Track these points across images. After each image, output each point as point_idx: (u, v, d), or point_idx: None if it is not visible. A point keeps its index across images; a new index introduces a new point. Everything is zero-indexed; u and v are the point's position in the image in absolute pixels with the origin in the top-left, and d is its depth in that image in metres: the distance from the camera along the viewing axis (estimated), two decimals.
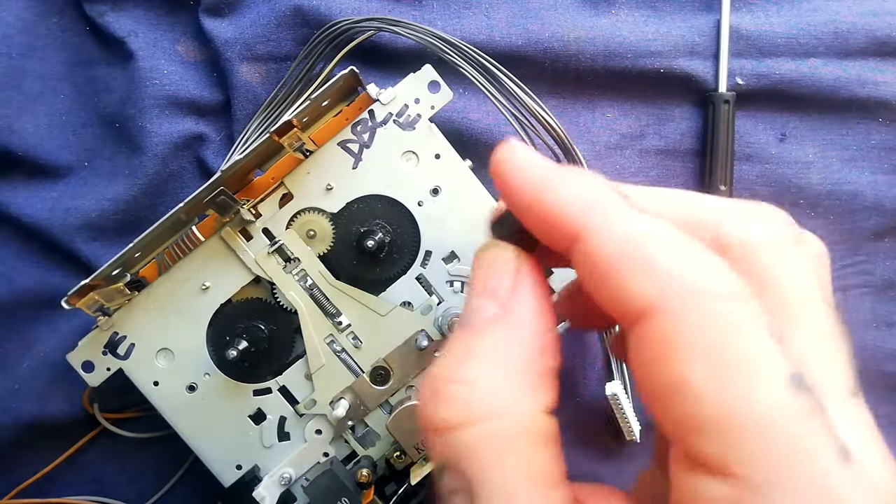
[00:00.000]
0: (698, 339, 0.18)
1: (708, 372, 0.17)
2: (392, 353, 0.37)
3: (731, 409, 0.17)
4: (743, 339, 0.18)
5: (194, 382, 0.37)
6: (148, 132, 0.41)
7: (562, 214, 0.20)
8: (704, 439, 0.18)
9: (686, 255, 0.19)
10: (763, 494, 0.17)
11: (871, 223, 0.43)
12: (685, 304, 0.18)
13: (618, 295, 0.19)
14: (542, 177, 0.21)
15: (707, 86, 0.42)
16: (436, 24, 0.41)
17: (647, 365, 0.18)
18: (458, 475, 0.19)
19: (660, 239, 0.19)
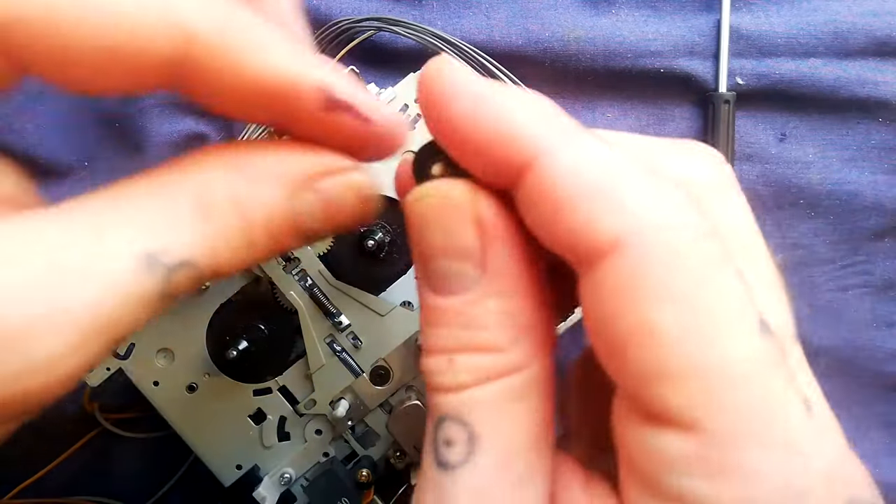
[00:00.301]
0: (670, 279, 0.16)
1: (680, 316, 0.16)
2: (392, 353, 0.37)
3: (704, 357, 0.16)
4: (717, 281, 0.16)
5: (194, 382, 0.37)
6: (148, 132, 0.41)
7: (510, 138, 0.18)
8: (670, 390, 0.16)
9: (656, 188, 0.17)
10: (729, 448, 0.16)
11: (871, 223, 0.43)
12: (657, 238, 0.16)
13: (578, 230, 0.17)
14: (483, 95, 0.18)
15: (707, 86, 0.42)
16: (436, 24, 0.41)
17: (608, 308, 0.17)
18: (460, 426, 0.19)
19: (628, 168, 0.17)
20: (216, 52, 0.18)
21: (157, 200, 0.19)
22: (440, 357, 0.19)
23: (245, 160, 0.20)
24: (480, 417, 0.19)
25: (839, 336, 0.44)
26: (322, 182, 0.20)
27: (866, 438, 0.44)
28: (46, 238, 0.17)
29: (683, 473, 0.16)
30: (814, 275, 0.44)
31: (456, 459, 0.19)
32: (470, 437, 0.18)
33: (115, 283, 0.17)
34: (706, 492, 0.16)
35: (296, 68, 0.19)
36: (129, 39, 0.17)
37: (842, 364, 0.44)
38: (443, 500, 0.19)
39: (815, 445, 0.17)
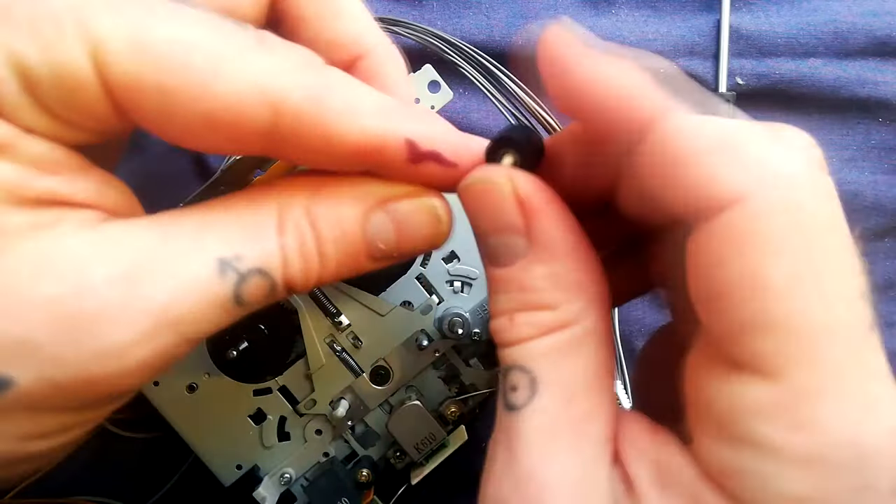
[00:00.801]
0: (788, 234, 0.17)
1: (791, 270, 0.17)
2: (392, 352, 0.37)
3: (804, 313, 0.17)
4: (831, 242, 0.17)
5: (194, 382, 0.37)
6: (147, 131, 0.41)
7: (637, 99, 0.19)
8: (765, 339, 0.17)
9: (781, 147, 0.18)
10: (809, 400, 0.17)
11: (871, 223, 0.43)
12: (780, 195, 0.17)
13: (701, 183, 0.18)
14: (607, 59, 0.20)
15: (707, 86, 0.42)
16: (436, 24, 0.41)
17: (720, 258, 0.17)
18: (522, 373, 0.21)
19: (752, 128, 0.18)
20: (304, 120, 0.20)
21: (239, 215, 0.21)
22: (503, 318, 0.22)
23: (325, 184, 0.22)
24: (540, 364, 0.21)
25: None
26: (395, 204, 0.23)
27: None
28: (134, 241, 0.20)
29: (761, 420, 0.17)
30: None
31: (521, 401, 0.21)
32: (531, 381, 0.21)
33: (189, 282, 0.19)
34: (780, 439, 0.17)
35: (381, 127, 0.20)
36: (222, 111, 0.19)
37: None
38: (512, 438, 0.21)
39: (889, 411, 0.17)
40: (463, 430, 0.36)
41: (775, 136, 0.18)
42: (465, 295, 0.36)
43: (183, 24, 0.19)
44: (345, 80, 0.21)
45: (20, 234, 0.19)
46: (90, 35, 0.18)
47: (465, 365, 0.37)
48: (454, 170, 0.22)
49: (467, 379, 0.37)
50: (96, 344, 0.18)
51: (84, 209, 0.20)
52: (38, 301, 0.18)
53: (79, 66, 0.18)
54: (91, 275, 0.19)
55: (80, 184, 0.20)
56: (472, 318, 0.36)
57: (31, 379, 0.18)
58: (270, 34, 0.21)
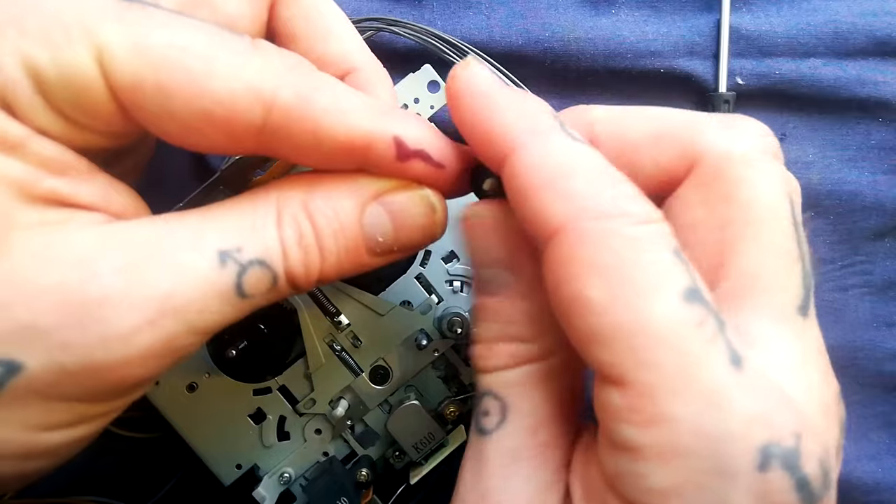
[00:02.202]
0: (598, 256, 0.19)
1: (605, 287, 0.19)
2: (392, 352, 0.37)
3: (626, 320, 0.18)
4: (641, 257, 0.19)
5: (194, 382, 0.37)
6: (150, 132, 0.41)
7: (498, 132, 0.21)
8: (601, 350, 0.19)
9: (601, 182, 0.20)
10: (654, 399, 0.18)
11: (871, 223, 0.43)
12: (590, 224, 0.19)
13: (534, 214, 0.20)
14: (487, 92, 0.22)
15: (707, 86, 0.42)
16: (436, 24, 0.41)
17: (554, 282, 0.20)
18: (494, 400, 0.22)
19: (580, 165, 0.20)
20: (294, 117, 0.21)
21: (240, 210, 0.22)
22: (483, 345, 0.23)
23: (321, 180, 0.23)
24: (511, 392, 0.22)
25: (839, 336, 0.44)
26: (389, 196, 0.23)
27: (866, 438, 0.44)
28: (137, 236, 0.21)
29: (621, 422, 0.19)
30: None
31: (491, 426, 0.22)
32: (503, 407, 0.22)
33: (190, 272, 0.20)
34: (638, 437, 0.19)
35: (369, 124, 0.21)
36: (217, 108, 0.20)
37: (842, 364, 0.44)
38: (480, 460, 0.22)
39: (737, 395, 0.18)
40: (462, 430, 0.36)
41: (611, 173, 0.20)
42: (465, 295, 0.36)
43: (180, 30, 0.20)
44: (333, 82, 0.22)
45: (29, 229, 0.20)
46: (96, 41, 0.19)
47: (464, 365, 0.37)
48: (441, 171, 0.23)
49: (467, 379, 0.37)
50: (101, 329, 0.19)
51: (91, 211, 0.21)
52: (45, 289, 0.19)
53: (86, 69, 0.19)
54: (96, 264, 0.19)
55: (87, 187, 0.21)
56: (471, 318, 0.36)
57: (40, 364, 0.19)
58: (264, 41, 0.22)
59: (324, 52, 0.27)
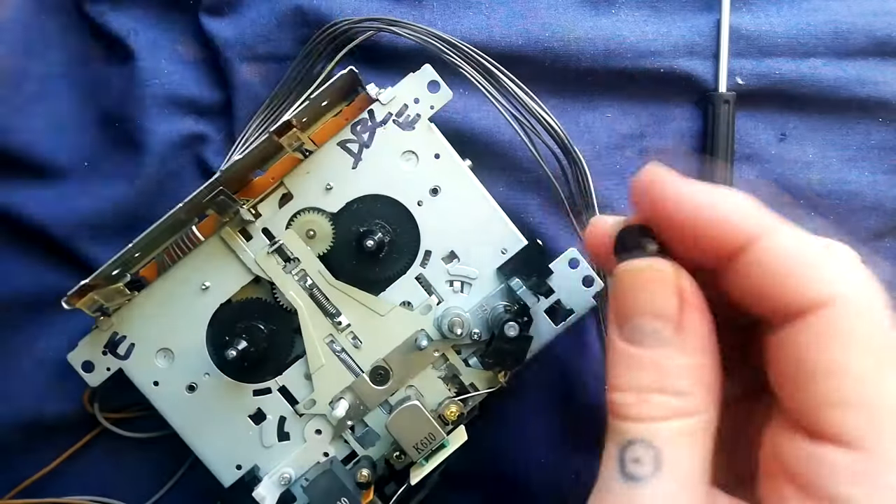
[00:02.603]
0: (865, 332, 0.21)
1: (866, 361, 0.21)
2: (392, 352, 0.37)
3: (877, 395, 0.21)
4: (890, 339, 0.21)
5: (194, 382, 0.37)
6: (148, 131, 0.41)
7: (733, 226, 0.23)
8: (846, 416, 0.21)
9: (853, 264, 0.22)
10: (885, 466, 0.20)
11: (871, 223, 0.43)
12: (860, 300, 0.21)
13: (801, 288, 0.22)
14: (699, 192, 0.24)
15: (707, 86, 0.42)
16: (436, 24, 0.41)
17: (808, 348, 0.21)
18: (648, 448, 0.23)
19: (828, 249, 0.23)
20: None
21: None
22: (630, 393, 0.24)
23: None
24: (666, 443, 0.23)
25: None
26: None
27: None
28: None
29: (843, 480, 0.21)
30: None
31: (643, 473, 0.23)
32: (656, 457, 0.23)
33: None
34: (860, 497, 0.20)
35: None
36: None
37: None
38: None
39: None
40: (462, 430, 0.36)
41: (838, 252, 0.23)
42: (465, 295, 0.36)
43: None
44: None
45: None
46: None
47: (464, 365, 0.37)
48: None
49: (467, 379, 0.37)
50: None
51: None
52: None
53: None
54: None
55: None
56: (471, 318, 0.36)
57: None
58: None
59: None
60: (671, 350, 0.24)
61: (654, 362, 0.24)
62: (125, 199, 0.42)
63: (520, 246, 0.36)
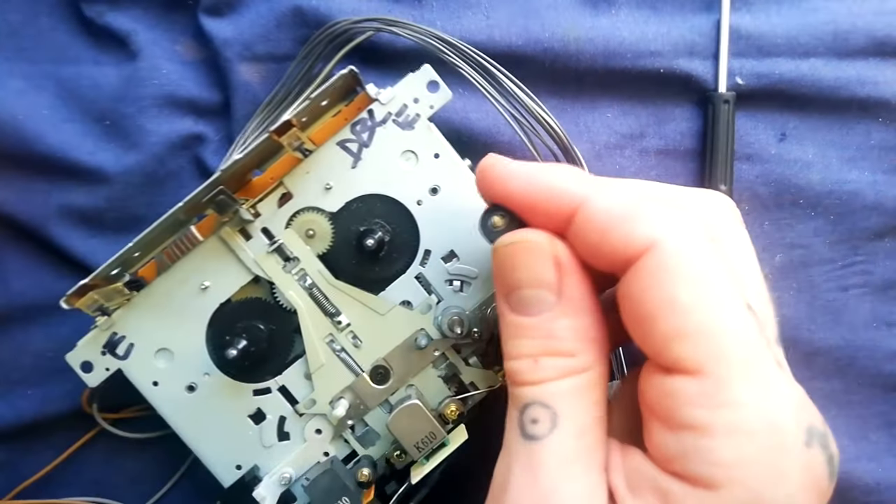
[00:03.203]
0: (688, 268, 0.23)
1: (693, 293, 0.22)
2: (392, 352, 0.37)
3: (708, 320, 0.22)
4: (717, 271, 0.23)
5: (194, 382, 0.37)
6: (146, 131, 0.41)
7: (558, 193, 0.25)
8: (682, 345, 0.22)
9: (669, 209, 0.24)
10: (725, 386, 0.22)
11: (871, 223, 0.43)
12: (679, 240, 0.23)
13: (619, 242, 0.23)
14: (528, 170, 0.26)
15: (707, 86, 0.42)
16: (435, 24, 0.41)
17: (642, 291, 0.23)
18: (543, 409, 0.25)
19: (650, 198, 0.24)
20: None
21: None
22: (525, 360, 0.26)
23: None
24: (560, 402, 0.25)
25: (839, 336, 0.44)
26: None
27: (866, 438, 0.44)
28: None
29: (692, 406, 0.22)
30: (814, 275, 0.44)
31: (542, 432, 0.25)
32: (553, 415, 0.25)
33: None
34: (708, 419, 0.22)
35: None
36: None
37: (842, 364, 0.44)
38: (533, 465, 0.25)
39: (786, 388, 0.23)
40: (463, 429, 0.36)
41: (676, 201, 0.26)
42: (465, 294, 0.36)
43: None
44: None
45: None
46: None
47: (464, 364, 0.37)
48: None
49: (467, 378, 0.37)
50: None
51: None
52: None
53: None
54: None
55: None
56: (471, 317, 0.36)
57: None
58: None
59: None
60: (555, 314, 0.25)
61: (542, 327, 0.26)
62: (123, 198, 0.42)
63: None
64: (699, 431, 0.22)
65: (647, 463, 0.24)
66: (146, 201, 0.42)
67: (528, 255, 0.26)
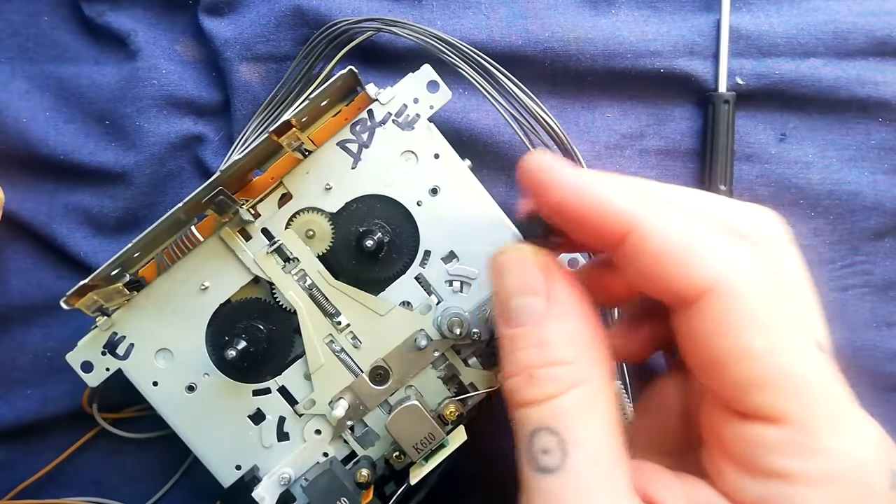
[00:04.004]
0: (755, 312, 0.21)
1: (764, 339, 0.21)
2: (391, 352, 0.37)
3: (787, 368, 0.21)
4: (785, 310, 0.22)
5: (193, 382, 0.37)
6: (146, 132, 0.41)
7: (611, 212, 0.23)
8: (761, 393, 0.21)
9: (729, 241, 0.22)
10: (811, 433, 0.21)
11: (871, 223, 0.43)
12: (742, 281, 0.21)
13: (675, 279, 0.22)
14: (582, 180, 0.24)
15: (707, 86, 0.42)
16: (435, 24, 0.41)
17: (707, 337, 0.22)
18: (551, 435, 0.23)
19: (705, 228, 0.22)
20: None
21: None
22: (521, 376, 0.24)
23: None
24: (567, 425, 0.23)
25: (839, 336, 0.44)
26: None
27: None
28: None
29: (780, 455, 0.21)
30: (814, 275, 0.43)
31: (554, 464, 0.23)
32: (561, 442, 0.23)
33: None
34: (798, 467, 0.21)
35: None
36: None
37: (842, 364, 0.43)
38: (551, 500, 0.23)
39: (868, 428, 0.23)
40: (462, 430, 0.36)
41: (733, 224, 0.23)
42: (465, 295, 0.36)
43: None
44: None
45: None
46: None
47: (464, 365, 0.37)
48: None
49: (466, 379, 0.37)
50: None
51: None
52: None
53: None
54: None
55: None
56: (471, 318, 0.36)
57: None
58: None
59: None
60: (547, 320, 0.25)
61: (534, 335, 0.24)
62: (123, 198, 0.42)
63: None
64: (789, 480, 0.21)
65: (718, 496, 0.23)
66: (146, 201, 0.42)
67: (516, 264, 0.26)
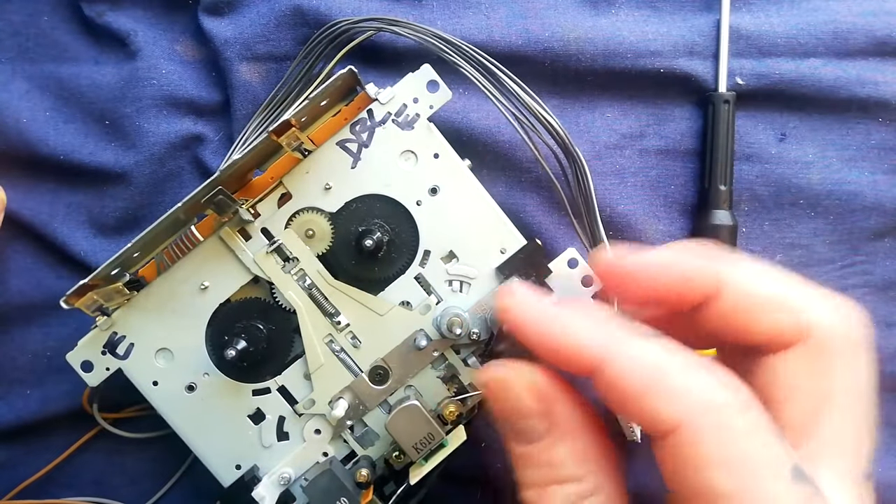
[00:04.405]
0: (720, 451, 0.21)
1: (730, 478, 0.21)
2: (391, 352, 0.37)
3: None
4: (754, 445, 0.22)
5: (193, 382, 0.37)
6: (146, 132, 0.41)
7: (578, 351, 0.24)
8: None
9: (697, 376, 0.22)
10: None
11: (871, 223, 0.43)
12: (705, 420, 0.21)
13: (643, 416, 0.22)
14: (550, 317, 0.25)
15: (707, 86, 0.42)
16: (435, 23, 0.41)
17: (676, 471, 0.22)
18: None
19: (672, 363, 0.23)
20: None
21: None
22: (535, 489, 0.26)
23: None
24: None
25: None
26: None
27: None
28: None
29: None
30: (814, 275, 0.44)
31: None
32: None
33: None
34: None
35: None
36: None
37: None
38: None
39: None
40: (462, 430, 0.36)
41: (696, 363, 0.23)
42: (464, 294, 0.36)
43: None
44: None
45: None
46: None
47: (463, 364, 0.37)
48: None
49: (466, 379, 0.37)
50: None
51: None
52: None
53: None
54: None
55: None
56: (470, 318, 0.36)
57: None
58: None
59: None
60: (551, 440, 0.25)
61: (541, 456, 0.25)
62: (124, 199, 0.42)
63: (519, 245, 0.36)
64: None
65: None
66: (146, 201, 0.42)
67: (511, 388, 0.26)
